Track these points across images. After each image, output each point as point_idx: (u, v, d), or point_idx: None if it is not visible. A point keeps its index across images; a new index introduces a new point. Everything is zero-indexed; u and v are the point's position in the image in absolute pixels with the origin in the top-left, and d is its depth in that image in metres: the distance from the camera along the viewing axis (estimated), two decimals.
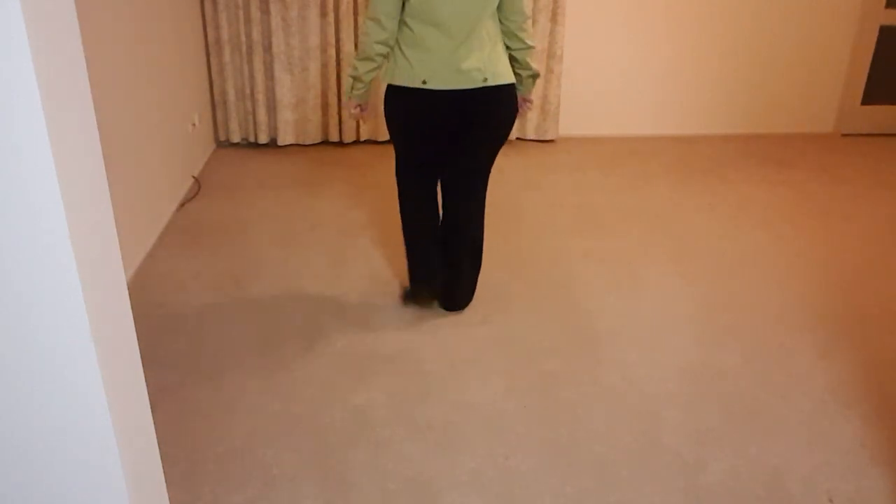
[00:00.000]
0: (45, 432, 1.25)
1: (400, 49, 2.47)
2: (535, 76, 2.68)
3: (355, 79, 2.61)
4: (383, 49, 2.47)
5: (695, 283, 3.21)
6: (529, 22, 2.58)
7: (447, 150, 2.65)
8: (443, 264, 2.82)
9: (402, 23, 2.44)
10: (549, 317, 2.93)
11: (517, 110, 2.63)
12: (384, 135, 4.81)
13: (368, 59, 2.49)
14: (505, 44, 2.58)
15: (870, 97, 5.09)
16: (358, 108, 2.75)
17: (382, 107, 2.62)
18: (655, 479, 2.13)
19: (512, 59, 2.61)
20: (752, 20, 4.86)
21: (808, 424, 2.36)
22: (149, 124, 3.48)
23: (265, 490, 2.08)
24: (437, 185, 2.80)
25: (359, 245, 3.50)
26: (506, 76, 2.53)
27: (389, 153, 4.67)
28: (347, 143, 4.83)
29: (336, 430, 2.31)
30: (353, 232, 3.63)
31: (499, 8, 2.49)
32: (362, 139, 4.84)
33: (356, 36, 4.52)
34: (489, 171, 2.70)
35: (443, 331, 2.83)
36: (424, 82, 2.44)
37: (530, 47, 2.58)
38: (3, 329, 1.17)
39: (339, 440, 2.27)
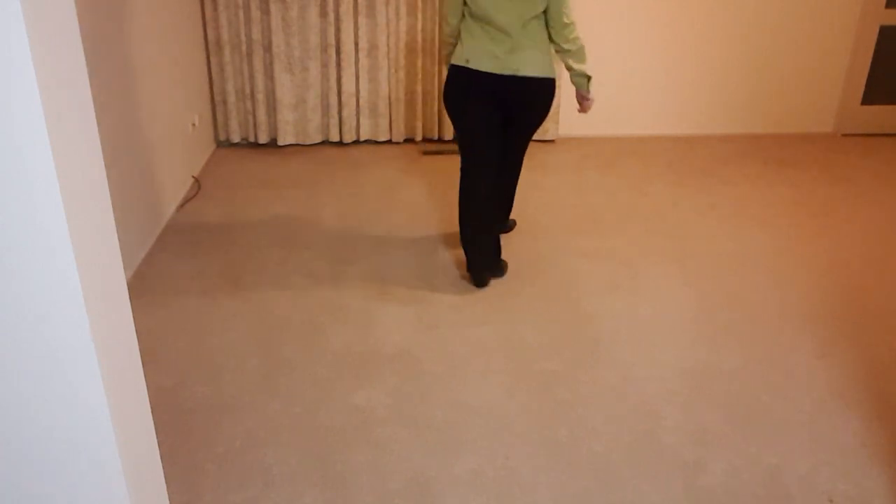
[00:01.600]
0: (46, 433, 1.25)
1: (461, 38, 3.07)
2: (581, 76, 3.07)
3: (443, 55, 3.36)
4: (451, 38, 3.16)
5: (695, 283, 3.21)
6: (570, 28, 2.96)
7: (503, 132, 3.13)
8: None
9: (466, 19, 3.04)
10: (549, 317, 2.93)
11: (551, 100, 3.07)
12: (384, 135, 4.82)
13: (445, 44, 3.23)
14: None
15: (870, 97, 5.09)
16: None
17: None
18: (655, 479, 2.13)
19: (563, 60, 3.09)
20: (752, 20, 4.85)
21: (808, 424, 2.36)
22: (149, 124, 3.48)
23: (265, 490, 2.08)
24: (490, 173, 3.13)
25: (359, 245, 3.50)
26: (537, 71, 2.97)
27: (389, 153, 4.68)
28: (347, 143, 4.83)
29: (336, 430, 2.31)
30: (353, 232, 3.63)
31: (545, 13, 2.94)
32: (362, 139, 4.84)
33: (356, 36, 4.53)
34: (526, 146, 3.26)
35: (443, 331, 2.83)
36: (467, 61, 2.99)
37: (567, 50, 3.00)
38: (3, 329, 1.17)
39: (339, 440, 2.27)
